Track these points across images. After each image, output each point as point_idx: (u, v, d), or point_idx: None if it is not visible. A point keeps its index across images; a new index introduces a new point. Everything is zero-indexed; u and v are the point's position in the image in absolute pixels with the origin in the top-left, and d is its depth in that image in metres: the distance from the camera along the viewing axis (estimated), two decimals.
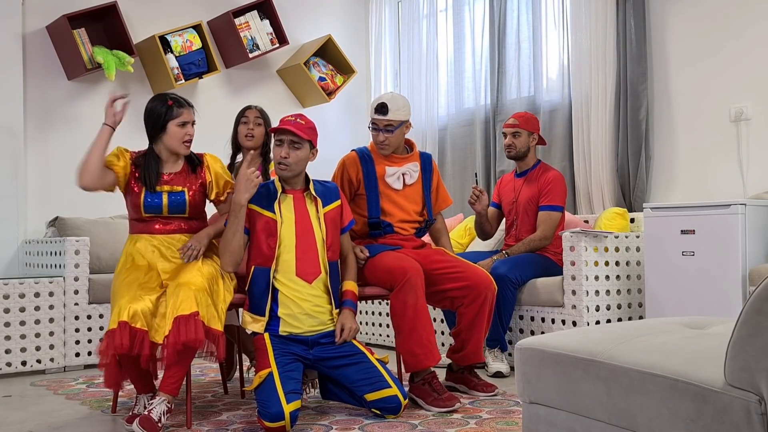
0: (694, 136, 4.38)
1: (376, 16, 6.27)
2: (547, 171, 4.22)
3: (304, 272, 3.15)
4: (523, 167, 4.31)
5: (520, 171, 4.32)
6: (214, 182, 3.28)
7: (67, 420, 3.18)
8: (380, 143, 3.60)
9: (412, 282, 3.28)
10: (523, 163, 4.30)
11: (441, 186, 3.82)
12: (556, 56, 5.05)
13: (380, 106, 3.56)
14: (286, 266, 3.15)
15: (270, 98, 5.87)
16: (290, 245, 3.16)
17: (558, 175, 4.19)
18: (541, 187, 4.17)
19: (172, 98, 3.22)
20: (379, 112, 3.56)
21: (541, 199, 4.16)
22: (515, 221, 4.29)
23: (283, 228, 3.17)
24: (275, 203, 3.19)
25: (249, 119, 3.87)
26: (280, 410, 2.81)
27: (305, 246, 3.18)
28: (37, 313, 4.27)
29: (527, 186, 4.24)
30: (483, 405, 3.29)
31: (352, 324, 3.16)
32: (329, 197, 3.31)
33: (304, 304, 3.13)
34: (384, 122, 3.56)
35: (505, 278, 3.89)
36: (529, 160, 4.29)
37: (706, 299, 3.55)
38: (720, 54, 4.26)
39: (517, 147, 4.24)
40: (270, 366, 2.97)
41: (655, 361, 1.75)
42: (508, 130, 4.26)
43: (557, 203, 4.13)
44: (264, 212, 3.19)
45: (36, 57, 5.05)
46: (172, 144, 3.20)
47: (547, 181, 4.16)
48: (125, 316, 2.83)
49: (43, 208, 5.00)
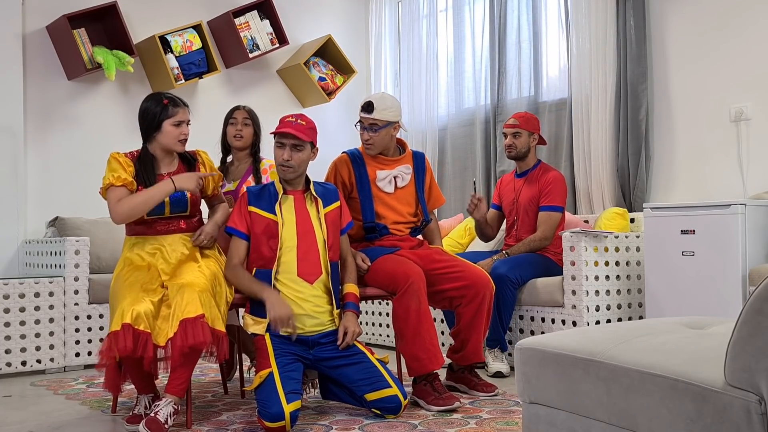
0: (694, 136, 4.38)
1: (376, 16, 6.27)
2: (547, 171, 4.22)
3: (306, 273, 3.15)
4: (523, 167, 4.31)
5: (521, 171, 4.32)
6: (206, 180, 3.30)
7: (67, 420, 3.18)
8: (365, 142, 3.60)
9: (415, 287, 3.28)
10: (524, 163, 4.29)
11: (434, 185, 3.81)
12: (556, 56, 5.05)
13: (367, 104, 3.56)
14: (287, 267, 3.15)
15: (270, 98, 5.87)
16: (291, 246, 3.16)
17: (558, 176, 4.19)
18: (542, 188, 4.17)
19: (167, 97, 3.24)
20: (365, 110, 3.55)
21: (541, 199, 4.16)
22: (516, 221, 4.29)
23: (284, 229, 3.17)
24: (276, 205, 3.20)
25: (237, 120, 3.89)
26: (280, 410, 2.81)
27: (306, 246, 3.18)
28: (37, 313, 4.27)
29: (528, 186, 4.24)
30: (483, 405, 3.29)
31: (355, 327, 3.16)
32: (329, 198, 3.31)
33: (306, 305, 3.13)
34: (369, 120, 3.55)
35: (505, 278, 3.89)
36: (530, 161, 4.29)
37: (706, 299, 3.54)
38: (720, 54, 4.26)
39: (517, 147, 4.24)
40: (270, 366, 2.97)
41: (655, 361, 1.75)
42: (509, 131, 4.26)
43: (557, 204, 4.13)
44: (265, 214, 3.20)
45: (36, 57, 5.05)
46: (167, 143, 3.21)
47: (548, 182, 4.16)
48: (128, 318, 2.83)
49: (43, 208, 5.00)
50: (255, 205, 3.21)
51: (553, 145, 4.99)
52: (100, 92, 5.26)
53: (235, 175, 3.92)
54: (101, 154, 5.11)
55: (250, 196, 3.26)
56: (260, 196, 3.23)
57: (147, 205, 3.11)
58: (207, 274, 3.06)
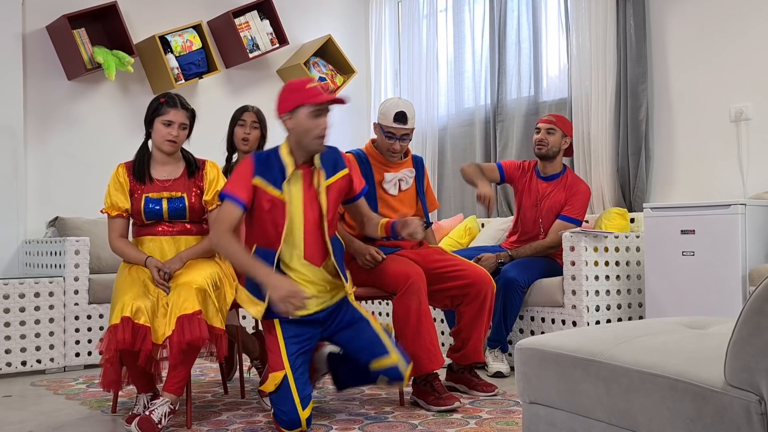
0: (694, 136, 4.38)
1: (376, 16, 6.27)
2: (578, 182, 4.18)
3: (312, 256, 3.01)
4: (549, 171, 4.22)
5: (546, 174, 4.22)
6: (207, 188, 3.27)
7: (67, 420, 3.18)
8: (396, 152, 3.54)
9: (415, 287, 3.28)
10: (550, 165, 4.21)
11: (429, 188, 3.80)
12: (556, 56, 5.05)
13: (400, 114, 3.46)
14: (293, 249, 2.99)
15: (270, 98, 5.81)
16: (299, 228, 2.98)
17: (587, 189, 4.16)
18: (569, 197, 4.12)
19: (166, 96, 3.26)
20: (399, 121, 3.47)
21: (564, 207, 4.12)
22: (540, 223, 4.18)
23: (292, 208, 2.98)
24: (285, 182, 2.97)
25: (246, 122, 3.87)
26: (296, 418, 2.81)
27: (313, 227, 3.02)
28: (37, 313, 4.27)
29: (558, 191, 4.16)
30: (483, 405, 3.29)
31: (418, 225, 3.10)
32: (336, 166, 3.10)
33: (313, 288, 3.01)
34: (403, 131, 3.50)
35: (515, 282, 3.88)
36: (557, 165, 4.21)
37: (706, 299, 3.54)
38: (720, 54, 4.26)
39: (549, 144, 4.15)
40: (284, 367, 2.89)
41: (655, 361, 1.75)
42: (544, 126, 4.17)
43: (579, 217, 4.10)
44: (271, 190, 2.96)
45: (36, 57, 5.05)
46: (156, 140, 3.24)
47: (577, 192, 4.11)
48: (128, 311, 2.84)
49: (43, 208, 5.00)
50: (262, 176, 2.96)
51: None
52: (100, 92, 5.26)
53: None
54: (101, 154, 5.16)
55: (256, 165, 2.99)
56: (267, 168, 2.97)
57: (132, 261, 3.15)
58: (207, 274, 3.06)
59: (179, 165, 3.29)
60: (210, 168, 3.32)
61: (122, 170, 3.25)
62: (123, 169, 3.25)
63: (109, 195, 3.23)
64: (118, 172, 3.25)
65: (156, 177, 3.24)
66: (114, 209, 3.22)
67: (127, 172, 3.24)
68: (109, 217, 3.24)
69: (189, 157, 3.33)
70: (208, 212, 3.27)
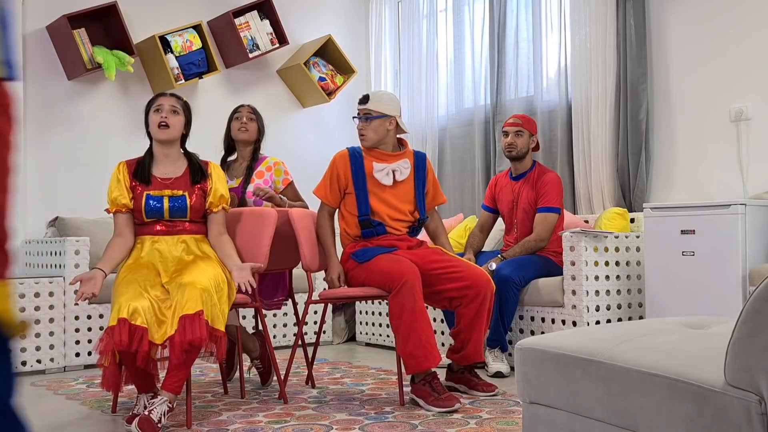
0: (694, 136, 4.38)
1: (376, 16, 6.27)
2: (544, 173, 4.22)
3: None
4: (519, 169, 4.29)
5: (516, 173, 4.30)
6: (211, 191, 3.29)
7: (67, 420, 3.18)
8: (359, 132, 3.66)
9: (410, 285, 3.28)
10: (521, 164, 4.28)
11: (436, 184, 3.81)
12: (555, 56, 5.05)
13: (363, 97, 3.66)
14: None
15: (270, 98, 5.87)
16: None
17: (555, 177, 4.18)
18: (539, 189, 4.17)
19: (159, 93, 3.34)
20: (361, 102, 3.65)
21: (538, 200, 4.16)
22: (515, 224, 4.28)
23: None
24: None
25: (242, 114, 3.96)
26: None
27: None
28: (37, 313, 4.27)
29: (526, 189, 4.22)
30: (483, 405, 3.29)
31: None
32: None
33: None
34: (363, 111, 3.62)
35: (509, 280, 3.89)
36: (527, 162, 4.27)
37: (706, 299, 3.54)
38: (720, 54, 4.26)
39: (518, 146, 4.22)
40: None
41: (655, 361, 1.75)
42: (511, 129, 4.23)
43: (554, 204, 4.12)
44: None
45: (36, 57, 5.05)
46: (152, 132, 3.29)
47: (544, 183, 4.15)
48: (125, 313, 2.84)
49: (43, 208, 5.00)
50: None
51: (553, 146, 4.99)
52: (100, 92, 5.26)
53: (238, 173, 3.94)
54: (101, 154, 5.16)
55: None
56: None
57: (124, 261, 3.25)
58: (209, 275, 3.06)
59: (181, 164, 3.30)
60: (215, 170, 3.36)
61: (123, 167, 3.27)
62: (123, 166, 3.28)
63: (110, 192, 3.26)
64: (118, 168, 3.28)
65: (158, 175, 3.25)
66: (114, 205, 3.24)
67: (128, 170, 3.26)
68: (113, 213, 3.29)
69: (193, 158, 3.34)
70: (212, 214, 3.29)
